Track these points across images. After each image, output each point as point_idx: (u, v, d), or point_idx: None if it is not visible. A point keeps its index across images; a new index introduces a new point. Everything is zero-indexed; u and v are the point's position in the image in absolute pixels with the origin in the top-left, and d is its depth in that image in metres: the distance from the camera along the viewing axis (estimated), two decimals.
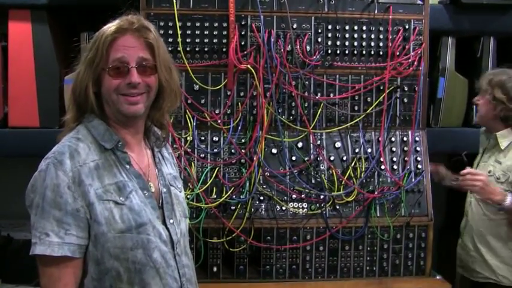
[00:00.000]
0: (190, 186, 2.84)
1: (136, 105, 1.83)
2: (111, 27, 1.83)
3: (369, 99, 3.03)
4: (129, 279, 1.80)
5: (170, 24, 2.86)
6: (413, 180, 3.04)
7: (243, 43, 2.90)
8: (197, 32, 2.89)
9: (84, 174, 1.76)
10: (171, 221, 1.92)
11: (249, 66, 2.87)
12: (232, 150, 2.91)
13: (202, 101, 2.91)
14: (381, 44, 3.02)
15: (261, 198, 2.91)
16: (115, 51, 1.80)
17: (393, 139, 3.06)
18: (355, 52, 3.01)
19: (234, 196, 2.86)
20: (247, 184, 2.88)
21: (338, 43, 2.99)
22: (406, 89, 3.05)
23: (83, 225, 1.75)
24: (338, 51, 2.99)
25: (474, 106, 3.41)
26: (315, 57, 2.95)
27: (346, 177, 2.96)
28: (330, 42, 2.99)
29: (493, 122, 3.14)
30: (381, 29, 3.02)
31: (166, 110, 1.98)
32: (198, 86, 2.89)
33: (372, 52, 3.02)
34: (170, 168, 2.06)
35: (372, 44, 3.01)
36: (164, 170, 2.01)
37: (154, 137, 2.03)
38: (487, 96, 3.11)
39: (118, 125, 1.89)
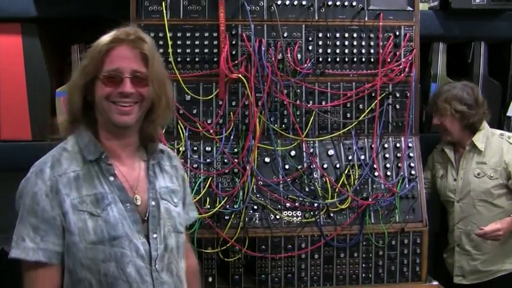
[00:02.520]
0: None
1: (128, 116, 1.84)
2: (107, 37, 1.85)
3: (361, 106, 3.03)
4: None
5: (161, 34, 2.85)
6: (407, 186, 3.03)
7: (233, 52, 2.90)
8: (188, 42, 2.89)
9: (62, 184, 1.79)
10: (155, 235, 1.88)
11: (240, 75, 2.86)
12: (225, 160, 2.91)
13: (194, 111, 2.90)
14: (372, 51, 3.02)
15: (255, 207, 2.90)
16: (109, 62, 1.82)
17: (386, 145, 3.06)
18: (346, 59, 3.01)
19: (227, 206, 2.85)
20: (241, 193, 2.87)
21: (329, 51, 3.00)
22: (398, 95, 3.05)
23: (59, 233, 1.79)
24: (329, 59, 3.00)
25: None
26: (306, 65, 2.95)
27: (339, 184, 2.95)
28: (320, 50, 2.99)
29: (462, 134, 3.26)
30: (372, 36, 3.02)
31: (158, 123, 1.99)
32: (189, 96, 2.89)
33: (363, 59, 3.02)
34: (168, 182, 2.03)
35: (363, 51, 3.02)
36: (158, 184, 1.98)
37: (152, 149, 2.01)
38: (448, 113, 3.20)
39: (109, 135, 1.89)
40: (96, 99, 1.85)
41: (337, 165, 2.99)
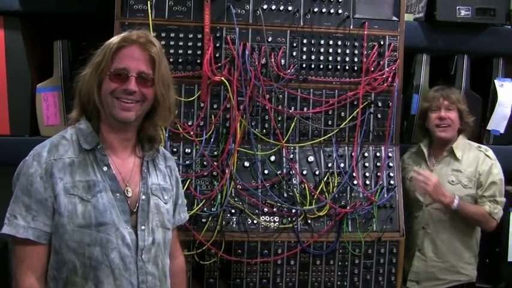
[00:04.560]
0: None
1: (129, 112, 1.94)
2: (119, 37, 1.96)
3: (342, 114, 3.03)
4: (83, 274, 1.88)
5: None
6: (385, 195, 3.04)
7: (217, 55, 2.89)
8: (171, 43, 2.88)
9: (57, 168, 1.89)
10: (143, 227, 1.97)
11: (223, 78, 2.86)
12: (205, 163, 2.89)
13: (175, 112, 2.87)
14: (356, 59, 3.03)
15: (233, 211, 2.88)
16: (119, 60, 1.93)
17: (366, 154, 3.06)
18: (330, 67, 3.01)
19: (205, 209, 2.84)
20: (219, 197, 2.86)
21: (313, 57, 3.00)
22: (380, 104, 3.06)
23: (49, 214, 1.88)
24: (313, 66, 3.00)
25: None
26: (289, 70, 2.95)
27: (318, 191, 2.95)
28: (304, 56, 2.99)
29: (455, 134, 3.30)
30: (356, 44, 3.03)
31: (158, 124, 2.08)
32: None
33: (347, 67, 3.02)
34: (161, 180, 2.11)
35: (347, 59, 3.02)
36: (150, 180, 2.06)
37: (148, 147, 2.09)
38: (455, 107, 3.24)
39: (109, 128, 1.99)
40: (101, 93, 1.94)
41: (317, 172, 2.99)
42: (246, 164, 2.92)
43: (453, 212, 3.12)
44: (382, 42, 3.05)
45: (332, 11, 3.00)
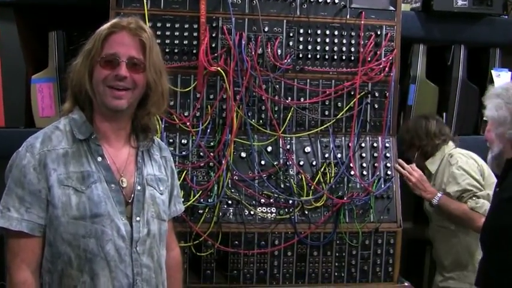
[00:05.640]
0: None
1: (120, 100, 1.90)
2: (109, 23, 1.94)
3: (339, 104, 3.02)
4: (79, 266, 1.86)
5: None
6: (382, 186, 3.03)
7: (213, 45, 2.87)
8: (167, 33, 2.85)
9: (50, 159, 1.87)
10: (138, 218, 1.95)
11: (219, 68, 2.84)
12: (201, 153, 2.88)
13: (171, 103, 2.86)
14: (353, 49, 3.01)
15: (229, 202, 2.87)
16: (109, 46, 1.90)
17: (363, 145, 3.05)
18: (327, 57, 2.99)
19: (201, 200, 2.83)
20: (216, 188, 2.85)
21: (309, 47, 2.98)
22: (376, 95, 3.04)
23: (43, 206, 1.86)
24: (309, 56, 2.98)
25: (444, 114, 3.51)
26: (286, 61, 2.94)
27: (315, 182, 2.94)
28: (301, 47, 2.97)
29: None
30: (353, 34, 3.01)
31: (152, 112, 2.05)
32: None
33: (344, 57, 3.01)
34: (156, 170, 2.09)
35: (344, 49, 3.00)
36: (145, 170, 2.04)
37: (143, 137, 2.07)
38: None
39: (102, 118, 1.96)
40: (93, 82, 1.91)
41: (314, 163, 2.98)
42: (243, 154, 2.91)
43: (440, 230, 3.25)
44: (379, 32, 3.03)
45: (328, 0, 2.98)
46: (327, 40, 3.00)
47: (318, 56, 2.98)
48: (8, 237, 1.87)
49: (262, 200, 2.90)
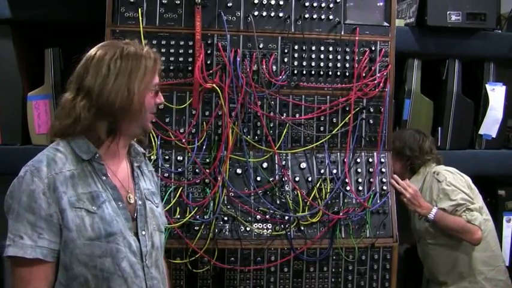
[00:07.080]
0: None
1: None
2: (148, 51, 2.03)
3: (334, 120, 3.03)
4: (96, 286, 1.85)
5: (136, 41, 2.82)
6: (378, 201, 3.03)
7: (208, 62, 2.88)
8: (163, 50, 2.86)
9: (59, 182, 1.83)
10: (143, 232, 1.98)
11: (214, 85, 2.85)
12: (197, 170, 2.88)
13: (167, 120, 2.87)
14: (347, 65, 3.02)
15: (225, 218, 2.87)
16: (156, 76, 2.02)
17: (358, 160, 3.06)
18: (322, 73, 3.00)
19: (197, 216, 2.82)
20: (211, 204, 2.85)
21: (304, 63, 2.99)
22: (371, 110, 3.05)
23: (55, 230, 1.82)
24: (304, 72, 2.99)
25: (439, 129, 3.52)
26: (281, 77, 2.94)
27: (311, 198, 2.94)
28: (296, 63, 2.99)
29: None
30: (347, 50, 3.03)
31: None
32: (162, 105, 2.85)
33: (338, 73, 3.02)
34: (149, 184, 2.13)
35: (338, 64, 3.02)
36: (142, 185, 2.08)
37: (135, 152, 2.11)
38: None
39: (124, 141, 2.01)
40: (143, 107, 1.97)
41: (309, 179, 2.99)
42: (238, 171, 2.92)
43: (432, 247, 3.27)
44: (373, 48, 3.05)
45: (323, 17, 3.00)
46: (322, 56, 3.01)
47: (313, 72, 2.99)
48: (18, 265, 1.81)
49: (258, 216, 2.90)
